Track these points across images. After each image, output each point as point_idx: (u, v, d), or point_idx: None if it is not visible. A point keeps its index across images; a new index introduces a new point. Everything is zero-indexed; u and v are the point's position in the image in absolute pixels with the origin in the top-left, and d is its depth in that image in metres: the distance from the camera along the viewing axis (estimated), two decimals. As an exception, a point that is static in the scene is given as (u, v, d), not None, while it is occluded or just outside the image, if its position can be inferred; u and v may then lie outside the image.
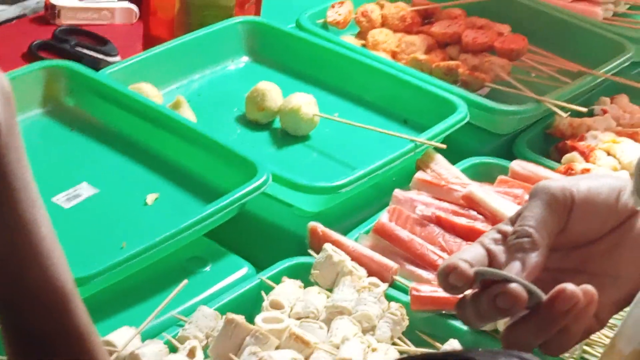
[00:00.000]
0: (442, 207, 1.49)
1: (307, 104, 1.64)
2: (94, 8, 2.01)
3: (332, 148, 1.63)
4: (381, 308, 1.30)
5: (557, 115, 1.73)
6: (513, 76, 1.81)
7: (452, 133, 1.62)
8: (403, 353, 1.23)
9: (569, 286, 0.79)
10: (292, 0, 2.02)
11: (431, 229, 1.46)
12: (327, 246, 1.37)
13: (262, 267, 1.38)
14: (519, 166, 1.60)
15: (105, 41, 1.94)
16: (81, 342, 0.71)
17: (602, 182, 0.86)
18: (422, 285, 1.34)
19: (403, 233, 1.43)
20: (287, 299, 1.31)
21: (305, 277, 1.36)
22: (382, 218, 1.45)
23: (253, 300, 1.32)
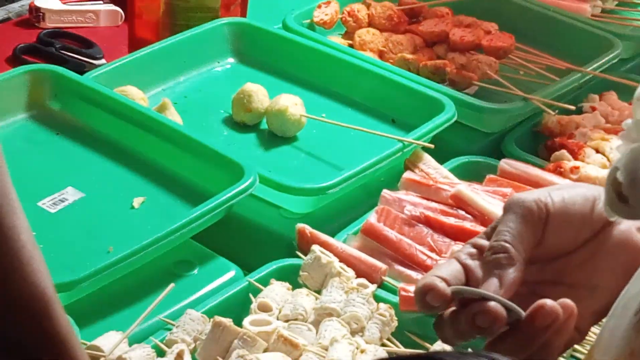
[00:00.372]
0: (430, 207, 1.49)
1: (294, 105, 1.64)
2: (79, 11, 2.01)
3: (320, 149, 1.64)
4: (370, 309, 1.30)
5: (545, 113, 1.74)
6: (501, 74, 1.81)
7: (440, 132, 1.62)
8: (392, 354, 1.23)
9: (548, 302, 0.78)
10: (278, 1, 2.02)
11: (420, 229, 1.46)
12: (315, 247, 1.37)
13: (250, 269, 1.38)
14: (507, 165, 1.60)
15: (90, 44, 1.94)
16: (62, 348, 0.71)
17: (576, 192, 0.86)
18: (411, 286, 1.33)
19: (391, 233, 1.43)
20: (275, 301, 1.31)
21: (293, 279, 1.36)
22: (371, 219, 1.45)
23: (241, 303, 1.32)
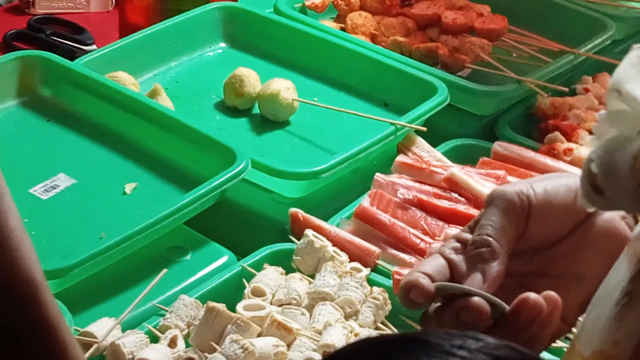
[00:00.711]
0: (423, 190, 1.49)
1: (286, 89, 1.64)
2: (69, -4, 2.01)
3: (312, 133, 1.63)
4: (364, 293, 1.30)
5: (539, 96, 1.74)
6: (494, 57, 1.81)
7: (433, 115, 1.62)
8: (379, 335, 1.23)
9: (531, 295, 0.78)
10: (270, -15, 2.02)
11: (413, 212, 1.46)
12: (309, 232, 1.37)
13: (243, 254, 1.38)
14: (501, 147, 1.60)
15: (81, 30, 1.93)
16: (52, 333, 0.71)
17: (558, 183, 0.86)
18: (404, 269, 1.34)
19: (385, 217, 1.43)
20: (268, 286, 1.31)
21: (286, 264, 1.36)
22: (364, 202, 1.45)
23: (234, 288, 1.32)
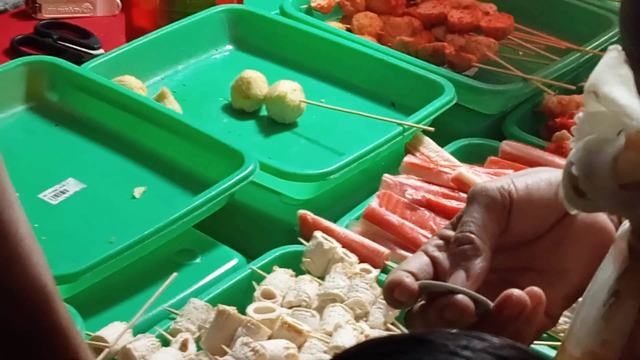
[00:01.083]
0: (432, 190, 1.49)
1: (293, 90, 1.64)
2: (75, 1, 2.01)
3: (320, 134, 1.64)
4: (373, 294, 1.30)
5: (546, 94, 1.74)
6: (500, 55, 1.81)
7: (440, 115, 1.63)
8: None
9: (515, 291, 0.78)
10: (275, -14, 2.02)
11: (422, 212, 1.46)
12: (318, 234, 1.37)
13: (253, 257, 1.38)
14: (508, 146, 1.60)
15: (87, 34, 1.94)
16: (64, 340, 0.71)
17: (539, 178, 0.86)
18: (414, 270, 1.33)
19: (393, 218, 1.43)
20: (278, 288, 1.31)
21: (296, 266, 1.36)
22: (372, 203, 1.45)
23: (244, 291, 1.32)
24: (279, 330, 1.24)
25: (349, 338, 1.22)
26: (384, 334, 1.27)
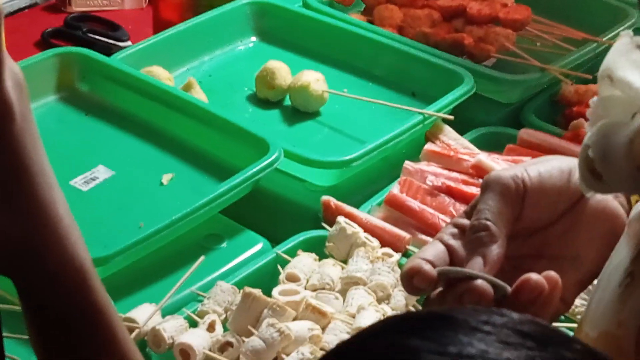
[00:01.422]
0: (451, 177, 1.50)
1: (316, 80, 1.64)
2: (104, -6, 2.02)
3: (342, 123, 1.64)
4: (395, 277, 1.31)
5: (563, 83, 1.74)
6: (518, 46, 1.81)
7: (459, 104, 1.63)
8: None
9: (533, 276, 0.78)
10: (298, -20, 2.03)
11: (442, 198, 1.47)
12: (341, 219, 1.38)
13: (277, 241, 1.39)
14: (527, 134, 1.61)
15: (116, 26, 1.95)
16: (101, 317, 0.72)
17: (551, 166, 0.85)
18: (434, 254, 1.34)
19: (414, 203, 1.44)
20: (302, 271, 1.32)
21: (319, 250, 1.37)
22: (394, 190, 1.46)
23: (269, 274, 1.33)
24: (303, 312, 1.25)
25: (371, 320, 1.22)
26: (406, 316, 1.27)
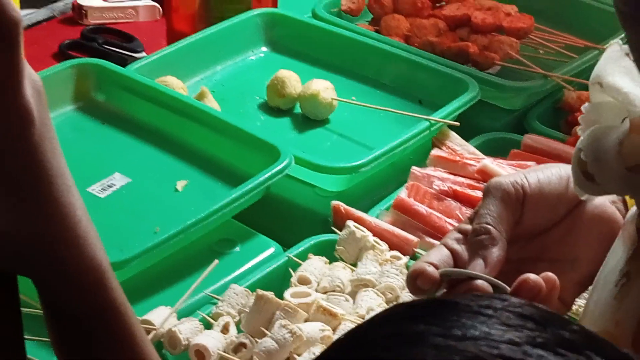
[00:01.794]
0: (458, 182, 1.50)
1: (325, 89, 1.64)
2: (120, 7, 2.02)
3: (351, 130, 1.64)
4: (403, 279, 1.31)
5: (565, 90, 1.73)
6: (522, 54, 1.80)
7: (465, 111, 1.62)
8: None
9: (531, 276, 0.78)
10: (307, -9, 2.03)
11: (448, 202, 1.46)
12: (350, 223, 1.38)
13: (289, 245, 1.39)
14: (530, 140, 1.60)
15: (131, 38, 1.95)
16: (119, 316, 0.72)
17: (550, 173, 0.86)
18: (441, 257, 1.34)
19: (422, 208, 1.44)
20: (313, 274, 1.32)
21: (330, 254, 1.37)
22: (401, 194, 1.46)
23: (281, 277, 1.33)
24: (314, 314, 1.25)
25: (381, 321, 1.22)
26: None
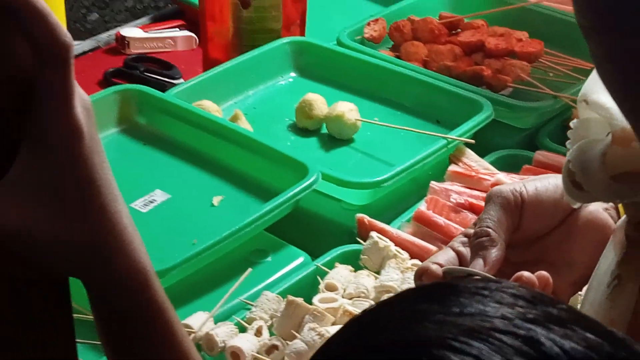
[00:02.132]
0: (473, 195, 1.51)
1: (349, 110, 1.67)
2: (159, 38, 2.05)
3: (374, 148, 1.66)
4: (423, 286, 1.32)
5: (574, 109, 1.74)
6: (532, 76, 1.82)
7: (480, 129, 1.64)
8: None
9: (525, 273, 0.81)
10: (332, 20, 2.05)
11: (465, 214, 1.48)
12: (374, 234, 1.39)
13: (317, 255, 1.40)
14: (541, 156, 1.61)
15: (169, 66, 1.98)
16: (163, 316, 0.74)
17: (547, 182, 0.89)
18: (458, 264, 1.35)
19: (440, 219, 1.45)
20: (340, 281, 1.33)
21: (355, 262, 1.38)
22: (421, 207, 1.47)
23: (310, 285, 1.35)
24: (341, 318, 1.27)
25: (402, 323, 1.24)
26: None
